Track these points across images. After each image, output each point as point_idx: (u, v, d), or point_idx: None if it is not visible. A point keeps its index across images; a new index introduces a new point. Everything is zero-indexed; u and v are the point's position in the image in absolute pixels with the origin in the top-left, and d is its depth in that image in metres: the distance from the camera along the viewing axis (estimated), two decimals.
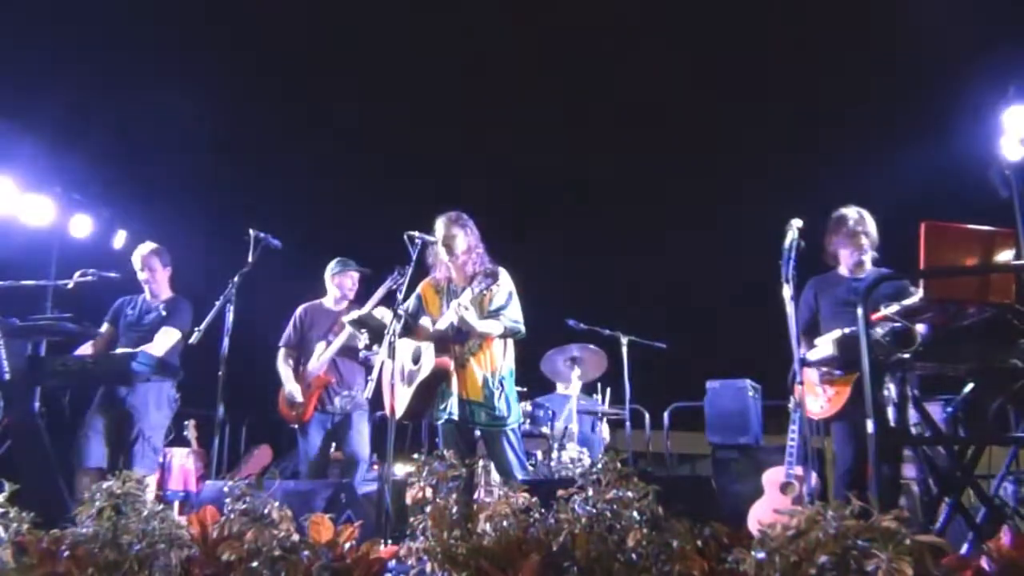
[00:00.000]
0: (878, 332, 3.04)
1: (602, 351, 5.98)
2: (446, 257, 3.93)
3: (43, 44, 7.34)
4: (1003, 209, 4.26)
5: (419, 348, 3.91)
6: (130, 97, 7.96)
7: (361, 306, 4.56)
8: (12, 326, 4.05)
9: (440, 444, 3.91)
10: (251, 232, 4.27)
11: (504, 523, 2.12)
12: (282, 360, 4.82)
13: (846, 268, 3.94)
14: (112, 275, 4.56)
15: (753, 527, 2.05)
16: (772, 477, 4.38)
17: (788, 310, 3.53)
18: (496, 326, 3.81)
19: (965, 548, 3.01)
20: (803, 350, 3.62)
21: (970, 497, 3.44)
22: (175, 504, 5.36)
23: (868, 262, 3.88)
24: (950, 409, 4.05)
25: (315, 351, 4.76)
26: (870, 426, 2.75)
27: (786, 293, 3.53)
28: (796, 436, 4.18)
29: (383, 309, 4.32)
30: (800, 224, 3.56)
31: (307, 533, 2.28)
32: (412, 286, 3.97)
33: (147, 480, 2.59)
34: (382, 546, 2.40)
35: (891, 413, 3.38)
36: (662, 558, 1.95)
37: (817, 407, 3.69)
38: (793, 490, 4.22)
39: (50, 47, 7.36)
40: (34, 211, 5.87)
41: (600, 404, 6.28)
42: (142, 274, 4.65)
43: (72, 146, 6.98)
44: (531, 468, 5.30)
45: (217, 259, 4.75)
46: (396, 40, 9.27)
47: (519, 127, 9.86)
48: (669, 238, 10.70)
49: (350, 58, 9.29)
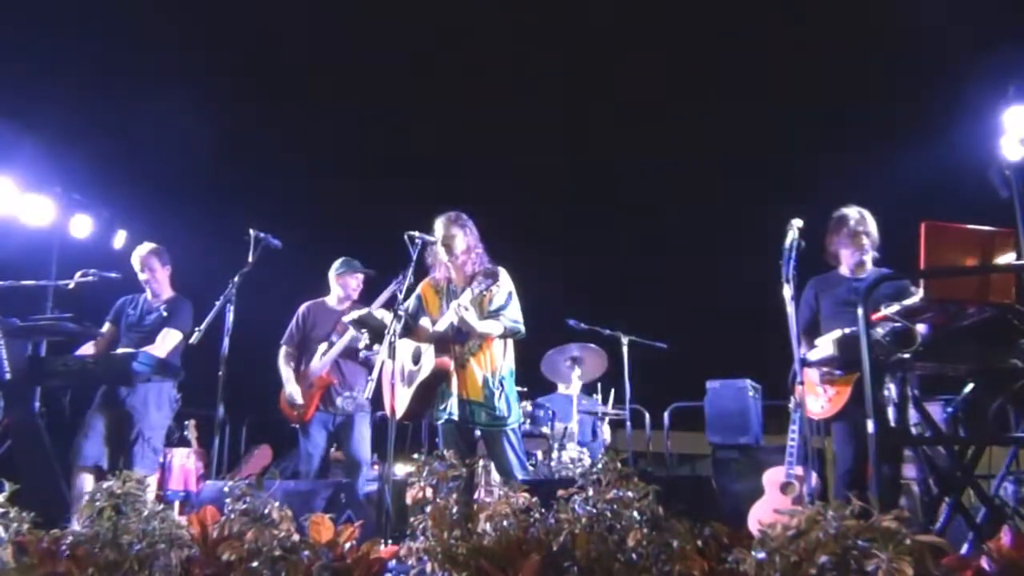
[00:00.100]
0: (878, 332, 3.04)
1: (602, 351, 5.98)
2: (445, 257, 3.93)
3: (43, 44, 7.34)
4: (1003, 209, 4.26)
5: (419, 348, 3.91)
6: (130, 97, 7.97)
7: (363, 307, 4.55)
8: (12, 326, 4.06)
9: (440, 444, 3.90)
10: (251, 232, 4.26)
11: (504, 523, 2.12)
12: (283, 359, 4.80)
13: (847, 268, 3.94)
14: (113, 275, 4.57)
15: (753, 527, 2.05)
16: (772, 477, 4.38)
17: (788, 310, 3.53)
18: (496, 326, 3.81)
19: (965, 548, 3.01)
20: (803, 350, 3.62)
21: (970, 497, 3.44)
22: (175, 504, 5.36)
23: (869, 262, 3.88)
24: (950, 409, 4.06)
25: (317, 351, 4.75)
26: (870, 426, 2.75)
27: (786, 293, 3.52)
28: (796, 436, 4.18)
29: (383, 310, 4.32)
30: (800, 224, 3.56)
31: (307, 533, 2.28)
32: (412, 286, 3.97)
33: (147, 480, 2.58)
34: (382, 546, 2.41)
35: (891, 413, 3.38)
36: (662, 558, 1.95)
37: (818, 407, 3.69)
38: (793, 490, 4.22)
39: (50, 47, 7.37)
40: (34, 211, 5.86)
41: (599, 404, 6.28)
42: (142, 275, 4.65)
43: (72, 146, 6.98)
44: (531, 468, 5.30)
45: (217, 259, 4.75)
46: (396, 40, 9.28)
47: (519, 127, 9.86)
48: (669, 238, 10.71)
49: (350, 58, 9.29)
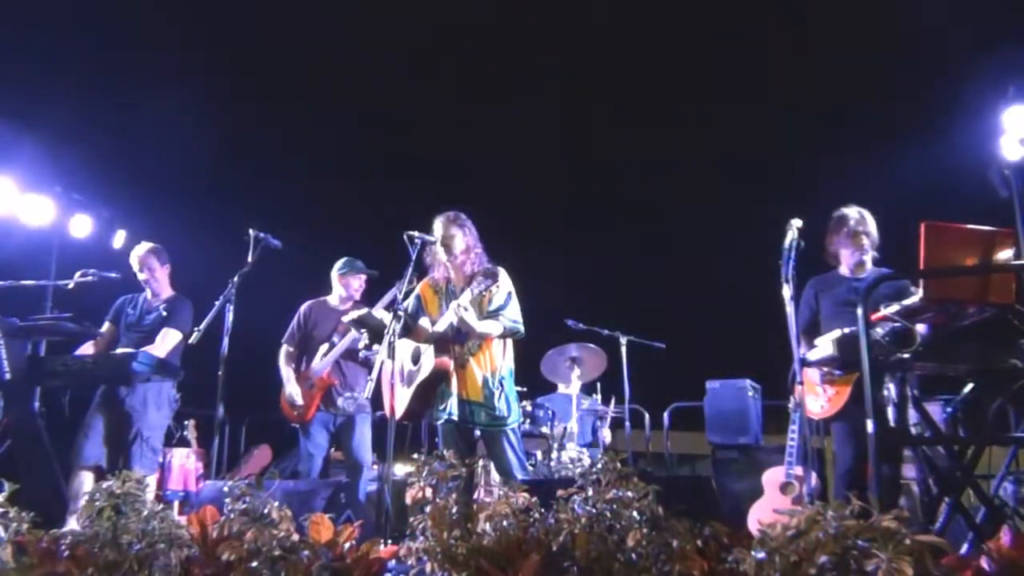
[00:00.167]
0: (878, 332, 3.04)
1: (602, 351, 5.98)
2: (444, 257, 3.92)
3: (43, 44, 7.34)
4: (1003, 209, 4.26)
5: (418, 348, 3.90)
6: (130, 97, 7.97)
7: (363, 307, 4.55)
8: (12, 326, 4.06)
9: (440, 444, 3.90)
10: (251, 232, 4.26)
11: (504, 523, 2.12)
12: (284, 358, 4.79)
13: (847, 268, 3.94)
14: (112, 275, 4.57)
15: (753, 527, 2.05)
16: (772, 477, 4.38)
17: (788, 310, 3.53)
18: (495, 326, 3.80)
19: (965, 548, 3.01)
20: (803, 350, 3.62)
21: (970, 497, 3.44)
22: (175, 504, 5.36)
23: (869, 262, 3.88)
24: (950, 409, 4.06)
25: (319, 351, 4.74)
26: (870, 426, 2.75)
27: (786, 293, 3.52)
28: (796, 436, 4.18)
29: (382, 310, 4.32)
30: (800, 224, 3.55)
31: (307, 533, 2.28)
32: (412, 286, 3.96)
33: (147, 480, 2.58)
34: (382, 546, 2.41)
35: (891, 413, 3.38)
36: (662, 558, 1.95)
37: (818, 407, 3.69)
38: (793, 490, 4.22)
39: (50, 47, 7.37)
40: (34, 211, 5.86)
41: (599, 404, 6.28)
42: (141, 274, 4.65)
43: (72, 146, 6.98)
44: (531, 468, 5.29)
45: (217, 259, 4.74)
46: (396, 40, 9.28)
47: (519, 127, 9.86)
48: (669, 238, 10.71)
49: (350, 58, 9.29)
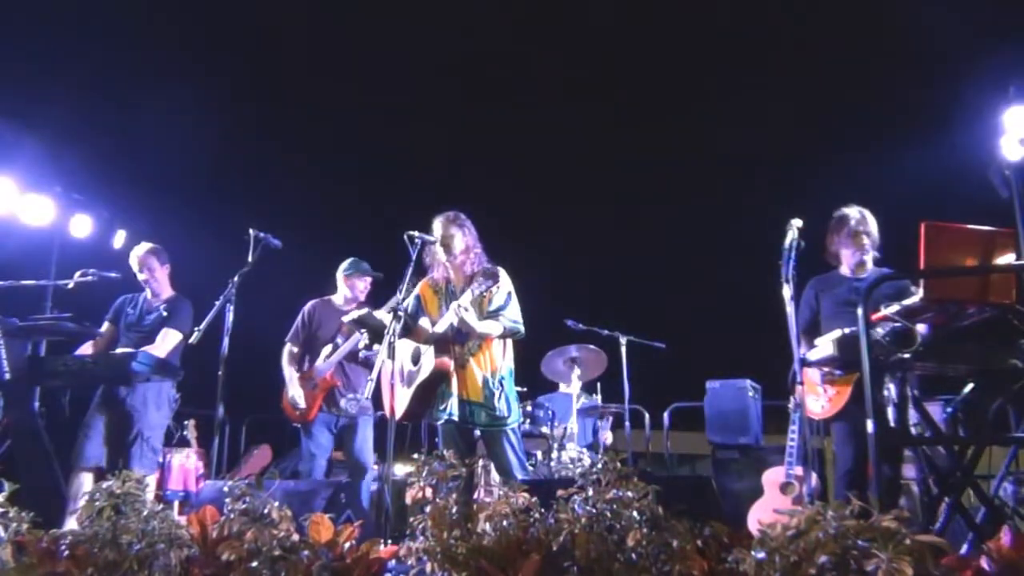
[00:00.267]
0: (878, 332, 3.04)
1: (601, 351, 5.98)
2: (444, 257, 3.92)
3: (43, 44, 7.35)
4: (1003, 209, 4.25)
5: (418, 348, 3.90)
6: (130, 97, 7.97)
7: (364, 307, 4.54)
8: (12, 326, 4.06)
9: (440, 444, 3.89)
10: (251, 232, 4.25)
11: (504, 523, 2.12)
12: (287, 358, 4.77)
13: (847, 268, 3.93)
14: (112, 275, 4.56)
15: (753, 527, 2.05)
16: (772, 477, 4.39)
17: (788, 310, 3.52)
18: (495, 327, 3.80)
19: (965, 548, 3.01)
20: (803, 350, 3.61)
21: (970, 497, 3.44)
22: (175, 504, 5.36)
23: (870, 262, 3.87)
24: (950, 409, 4.05)
25: (322, 352, 4.73)
26: (870, 426, 2.74)
27: (786, 293, 3.52)
28: (796, 436, 4.18)
29: (382, 310, 4.31)
30: (800, 224, 3.55)
31: (307, 533, 2.28)
32: (412, 286, 3.96)
33: (147, 480, 2.58)
34: (382, 546, 2.41)
35: (891, 413, 3.38)
36: (662, 558, 1.95)
37: (818, 407, 3.69)
38: (793, 490, 4.22)
39: (50, 47, 7.37)
40: (34, 211, 5.86)
41: (599, 403, 6.28)
42: (141, 274, 4.64)
43: (72, 146, 6.98)
44: (531, 468, 5.29)
45: (217, 259, 4.74)
46: (396, 40, 9.28)
47: (519, 127, 9.87)
48: (669, 238, 10.72)
49: (350, 58, 9.30)
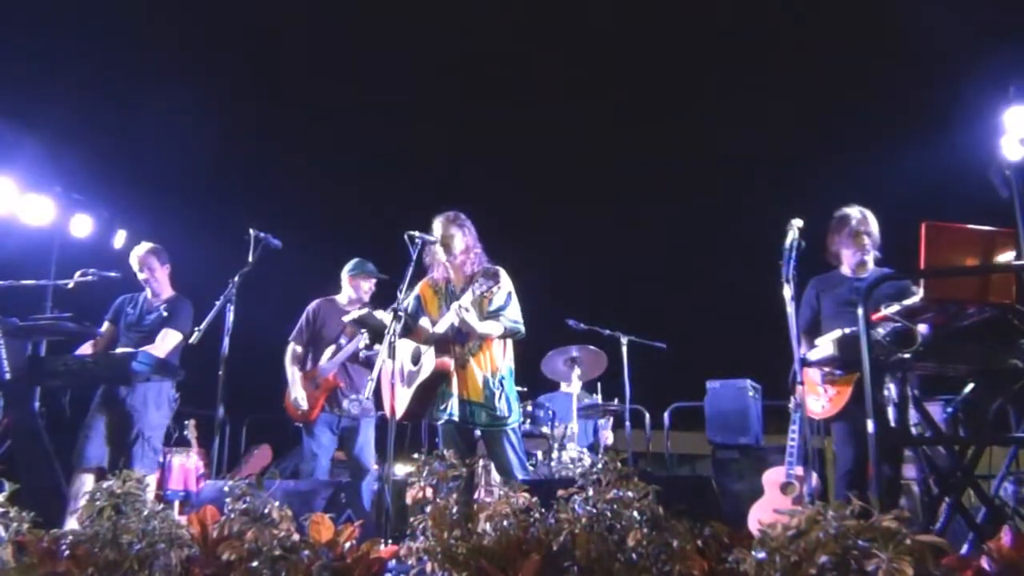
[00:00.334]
0: (879, 332, 3.04)
1: (602, 351, 5.98)
2: (444, 257, 3.91)
3: (43, 44, 7.35)
4: (1003, 209, 4.25)
5: (418, 348, 3.90)
6: (130, 97, 7.98)
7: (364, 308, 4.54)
8: (12, 326, 4.05)
9: (440, 444, 3.89)
10: (251, 232, 4.25)
11: (504, 523, 2.12)
12: (290, 357, 4.75)
13: (848, 268, 3.93)
14: (112, 275, 4.56)
15: (753, 527, 2.05)
16: (772, 477, 4.38)
17: (788, 310, 3.52)
18: (496, 327, 3.80)
19: (965, 548, 3.01)
20: (804, 350, 3.61)
21: (970, 497, 3.44)
22: (175, 504, 5.36)
23: (870, 262, 3.87)
24: (950, 409, 4.06)
25: (326, 352, 4.72)
26: (871, 426, 2.74)
27: (786, 293, 3.52)
28: (796, 436, 4.18)
29: (381, 310, 4.31)
30: (800, 224, 3.55)
31: (307, 533, 2.28)
32: (412, 286, 3.96)
33: (147, 480, 2.58)
34: (382, 546, 2.40)
35: (891, 413, 3.38)
36: (662, 558, 1.95)
37: (819, 407, 3.69)
38: (793, 490, 4.22)
39: (50, 47, 7.37)
40: (34, 211, 5.86)
41: (600, 404, 6.28)
42: (141, 274, 4.64)
43: (72, 146, 6.98)
44: (531, 468, 5.29)
45: (217, 259, 4.74)
46: (396, 40, 9.28)
47: (519, 127, 9.87)
48: (669, 238, 10.72)
49: (350, 58, 9.30)
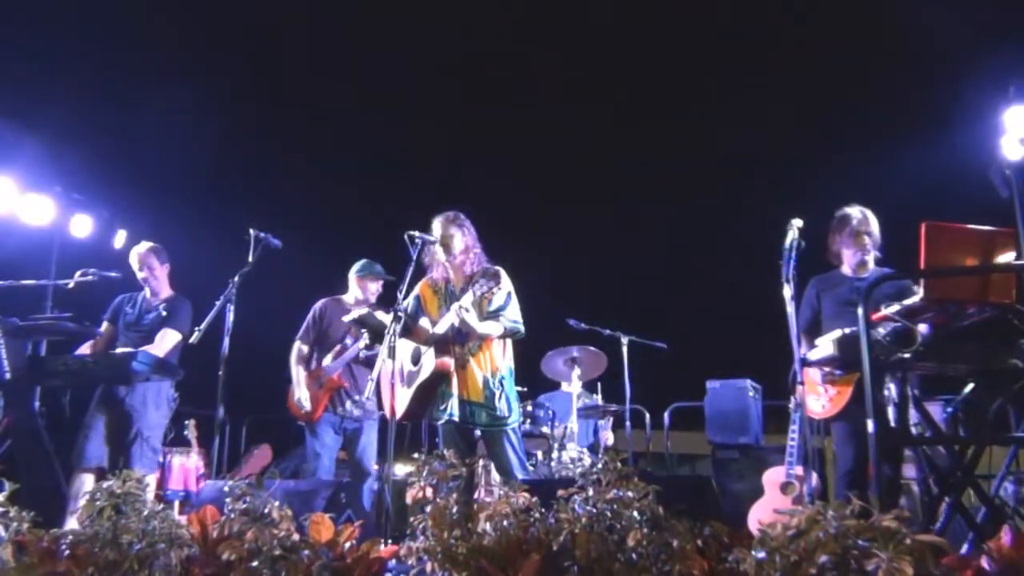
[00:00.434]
0: (879, 332, 3.04)
1: (602, 352, 5.98)
2: (443, 257, 3.91)
3: (43, 44, 7.35)
4: (1003, 209, 4.25)
5: (418, 349, 3.90)
6: (130, 97, 7.98)
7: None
8: (12, 326, 4.05)
9: (440, 444, 3.89)
10: (251, 232, 4.25)
11: (504, 523, 2.12)
12: (295, 356, 4.75)
13: (849, 268, 3.93)
14: (112, 275, 4.56)
15: (753, 527, 2.05)
16: (772, 477, 4.38)
17: (788, 310, 3.52)
18: (496, 327, 3.80)
19: (965, 548, 3.01)
20: (804, 350, 3.61)
21: (970, 497, 3.43)
22: (175, 504, 5.36)
23: (871, 262, 3.87)
24: (950, 409, 4.06)
25: (331, 352, 4.72)
26: (871, 426, 2.74)
27: (786, 293, 3.51)
28: (796, 436, 4.18)
29: (381, 311, 4.31)
30: (800, 224, 3.55)
31: (307, 533, 2.28)
32: (411, 286, 3.95)
33: (147, 480, 2.58)
34: (382, 546, 2.41)
35: (891, 413, 3.38)
36: (662, 558, 1.95)
37: (819, 407, 3.69)
38: (793, 490, 4.22)
39: (50, 47, 7.38)
40: (34, 211, 5.86)
41: (600, 404, 6.28)
42: (141, 273, 4.64)
43: (72, 146, 6.98)
44: (531, 468, 5.29)
45: (217, 259, 4.74)
46: (396, 40, 9.28)
47: (519, 127, 9.88)
48: (669, 238, 10.72)
49: (350, 58, 9.30)
